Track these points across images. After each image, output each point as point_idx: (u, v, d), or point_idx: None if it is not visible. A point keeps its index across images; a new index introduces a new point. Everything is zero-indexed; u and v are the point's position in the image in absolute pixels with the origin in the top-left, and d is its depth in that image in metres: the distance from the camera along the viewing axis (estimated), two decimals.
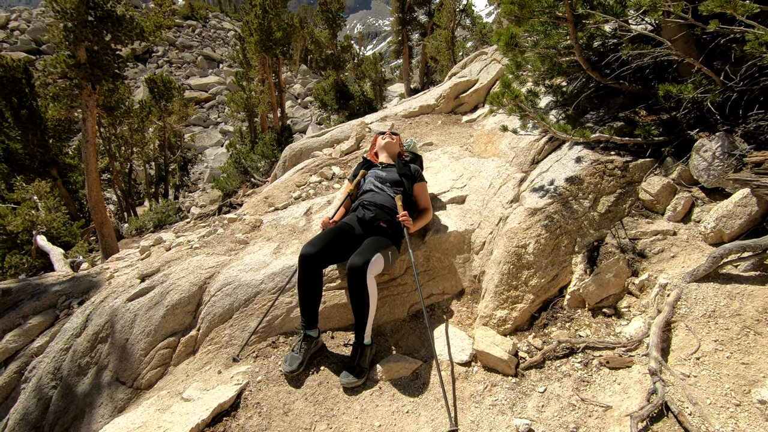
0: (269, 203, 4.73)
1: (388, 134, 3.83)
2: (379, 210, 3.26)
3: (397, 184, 3.49)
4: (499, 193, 3.77)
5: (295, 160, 6.32)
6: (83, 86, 11.33)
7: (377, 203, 3.29)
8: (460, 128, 6.33)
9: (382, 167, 3.66)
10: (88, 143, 11.39)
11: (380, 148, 3.81)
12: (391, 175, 3.53)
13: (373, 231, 3.20)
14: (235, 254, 3.83)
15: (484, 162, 4.39)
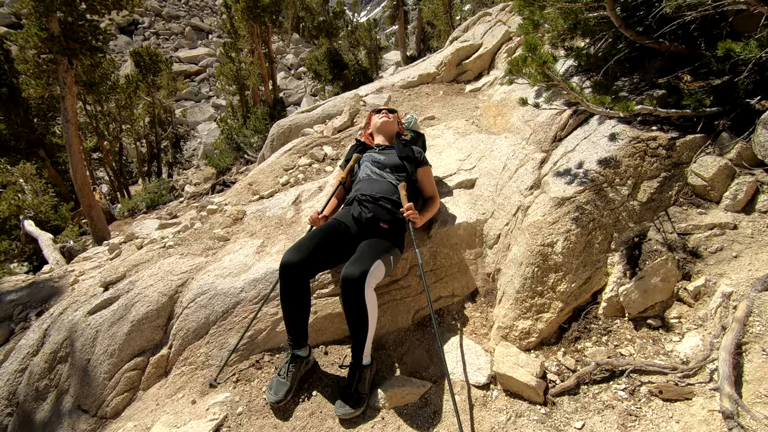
0: (254, 191, 4.16)
1: (385, 112, 3.22)
2: (378, 206, 2.70)
3: (399, 169, 2.92)
4: (516, 177, 3.21)
5: (283, 139, 5.70)
6: (58, 61, 10.52)
7: (376, 196, 2.73)
8: (464, 99, 5.68)
9: (379, 150, 3.08)
10: (69, 123, 10.68)
11: (376, 129, 3.21)
12: (391, 158, 2.96)
13: (372, 232, 2.66)
14: (213, 254, 3.29)
15: (495, 139, 3.79)
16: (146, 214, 13.70)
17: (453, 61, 6.32)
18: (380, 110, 3.26)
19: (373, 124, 3.25)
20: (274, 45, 24.46)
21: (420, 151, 3.08)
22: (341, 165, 3.20)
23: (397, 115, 3.30)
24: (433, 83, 6.12)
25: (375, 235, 2.65)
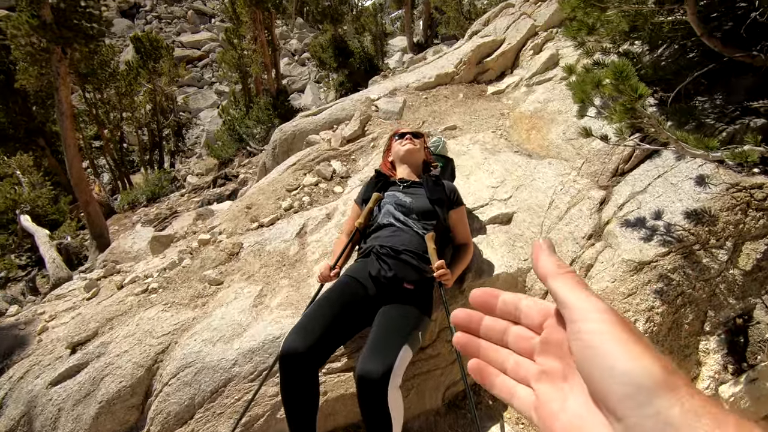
0: (252, 216, 3.55)
1: (410, 137, 2.56)
2: (402, 262, 2.10)
3: (427, 215, 2.30)
4: (568, 218, 2.59)
5: (286, 146, 5.06)
6: (51, 50, 9.80)
7: (399, 250, 2.13)
8: (486, 103, 5.01)
9: (404, 187, 2.45)
10: (64, 115, 10.02)
11: (399, 158, 2.57)
12: (418, 202, 2.33)
13: (395, 295, 2.07)
14: (202, 306, 2.71)
15: (536, 165, 3.15)
16: (147, 207, 13.11)
17: (473, 59, 5.62)
18: (404, 134, 2.61)
19: (395, 152, 2.60)
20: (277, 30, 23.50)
21: (453, 188, 2.46)
22: (357, 201, 2.58)
23: (424, 139, 2.66)
24: (452, 84, 5.44)
25: (397, 298, 2.06)
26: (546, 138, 3.61)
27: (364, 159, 4.10)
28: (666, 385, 0.26)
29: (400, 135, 2.61)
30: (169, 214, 11.36)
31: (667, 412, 0.25)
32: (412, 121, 4.65)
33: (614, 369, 0.28)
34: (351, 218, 2.56)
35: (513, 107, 4.81)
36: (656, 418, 0.26)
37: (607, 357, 0.28)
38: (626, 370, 0.27)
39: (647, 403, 0.26)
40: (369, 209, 2.37)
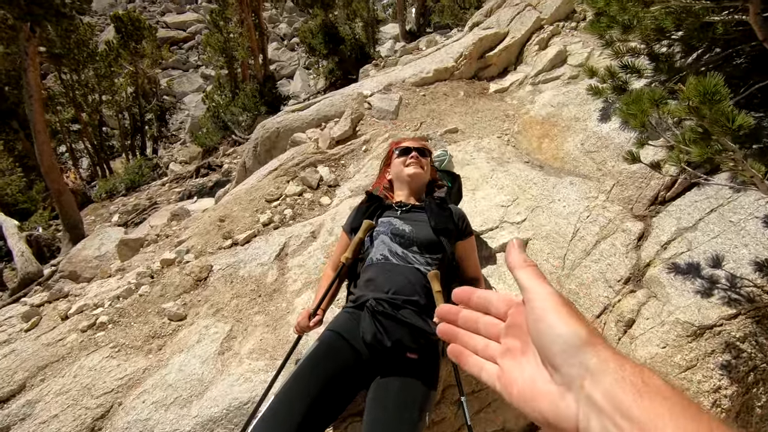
0: (225, 232, 3.04)
1: (416, 156, 2.01)
2: (402, 324, 1.62)
3: (432, 248, 1.79)
4: (597, 254, 2.15)
5: (269, 145, 4.52)
6: (18, 28, 8.97)
7: (397, 301, 1.65)
8: (489, 102, 4.53)
9: (402, 212, 1.97)
10: (33, 98, 9.23)
11: (400, 180, 2.08)
12: (421, 230, 1.82)
13: (394, 366, 1.61)
14: (158, 350, 2.21)
15: (555, 183, 2.69)
16: (125, 197, 12.39)
17: (475, 53, 5.11)
18: (408, 149, 2.04)
19: (395, 171, 2.07)
20: (266, 13, 22.53)
21: (462, 215, 1.96)
22: (345, 228, 2.07)
23: (430, 158, 2.14)
24: (451, 80, 4.93)
25: (397, 370, 1.59)
26: (561, 148, 3.16)
27: (354, 165, 3.60)
28: (588, 342, 0.35)
29: (402, 150, 2.06)
30: (148, 205, 10.71)
31: (587, 361, 0.35)
32: (408, 122, 4.15)
33: (554, 333, 0.37)
34: (338, 250, 2.06)
35: (518, 108, 4.34)
36: (579, 366, 0.35)
37: (551, 325, 0.37)
38: (562, 333, 0.36)
39: (574, 355, 0.35)
40: (358, 241, 1.85)
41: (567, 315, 0.37)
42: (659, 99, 1.49)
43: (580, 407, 0.34)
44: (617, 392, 0.32)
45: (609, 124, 2.94)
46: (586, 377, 0.34)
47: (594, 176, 2.75)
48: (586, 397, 0.34)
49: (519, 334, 0.42)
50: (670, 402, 0.31)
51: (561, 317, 0.37)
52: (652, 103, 1.50)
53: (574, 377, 0.35)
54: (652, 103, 1.50)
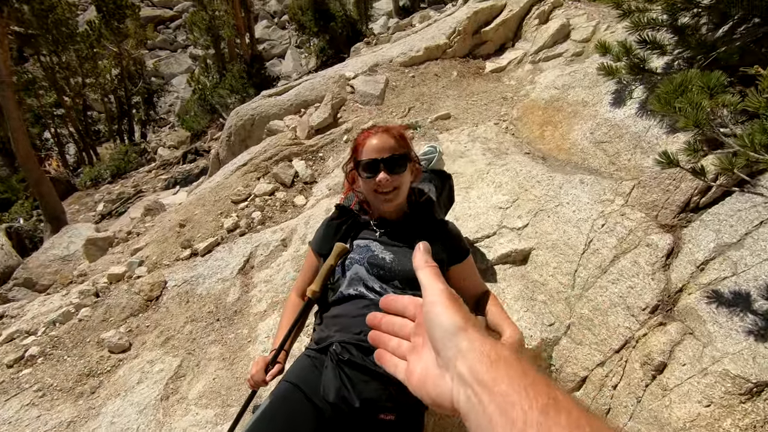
0: (185, 239, 2.63)
1: (384, 176, 1.36)
2: (376, 378, 1.24)
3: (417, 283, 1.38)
4: (615, 272, 1.76)
5: (243, 134, 4.06)
6: None
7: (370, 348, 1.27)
8: (485, 83, 4.07)
9: (381, 234, 1.48)
10: (4, 83, 8.64)
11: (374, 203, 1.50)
12: (404, 260, 1.38)
13: (366, 430, 1.23)
14: (91, 394, 1.84)
15: (562, 183, 2.28)
16: (111, 185, 11.88)
17: (469, 28, 4.61)
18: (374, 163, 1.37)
19: (365, 191, 1.46)
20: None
21: (458, 235, 1.52)
22: (312, 246, 1.63)
23: (414, 162, 1.49)
24: (443, 59, 4.44)
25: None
26: (566, 137, 2.73)
27: (334, 157, 3.17)
28: (462, 328, 0.39)
29: (367, 166, 1.38)
30: (133, 194, 10.25)
31: (460, 344, 0.38)
32: (395, 107, 3.70)
33: (438, 322, 0.41)
34: (304, 273, 1.62)
35: (517, 89, 3.88)
36: (455, 348, 0.39)
37: (437, 315, 0.41)
38: (443, 322, 0.41)
39: (451, 340, 0.39)
40: (328, 269, 1.43)
41: (450, 307, 0.42)
42: (715, 87, 1.07)
43: (453, 383, 0.38)
44: (476, 365, 0.36)
45: (624, 109, 2.51)
46: (459, 357, 0.38)
47: (606, 171, 2.34)
48: (458, 374, 0.38)
49: (422, 332, 0.45)
50: (513, 368, 0.35)
51: (445, 309, 0.41)
52: (706, 93, 1.08)
53: (450, 358, 0.39)
54: (705, 92, 1.08)
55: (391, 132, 1.42)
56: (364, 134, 1.43)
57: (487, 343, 0.38)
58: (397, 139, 1.40)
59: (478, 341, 0.38)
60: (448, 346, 0.39)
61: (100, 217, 9.42)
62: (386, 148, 1.37)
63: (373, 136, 1.40)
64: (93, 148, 15.64)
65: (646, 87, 2.48)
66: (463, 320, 0.40)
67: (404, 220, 1.48)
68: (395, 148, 1.38)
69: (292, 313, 1.48)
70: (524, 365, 0.36)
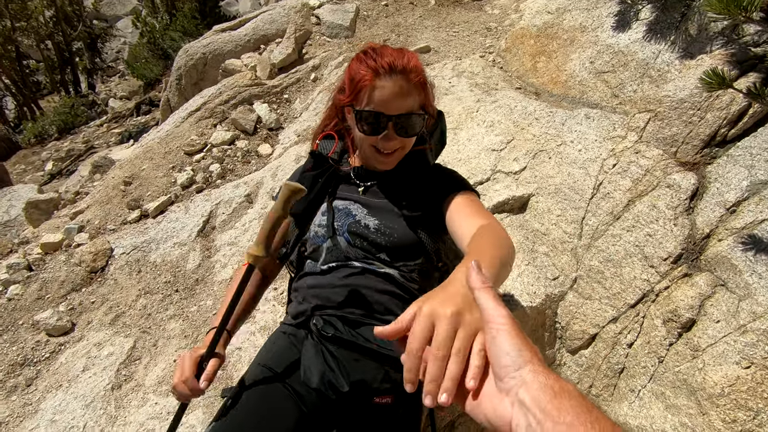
0: (131, 199, 2.25)
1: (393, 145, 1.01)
2: (367, 355, 0.99)
3: (408, 252, 1.05)
4: (631, 218, 1.54)
5: (195, 76, 3.54)
6: None
7: (354, 317, 1.01)
8: (466, 13, 3.64)
9: (364, 190, 1.12)
10: None
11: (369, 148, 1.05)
12: (394, 225, 1.05)
13: (358, 416, 1.01)
14: (27, 387, 1.55)
15: (564, 119, 2.00)
16: (59, 141, 10.86)
17: None
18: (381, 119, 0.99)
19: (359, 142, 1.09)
20: None
21: (452, 171, 1.18)
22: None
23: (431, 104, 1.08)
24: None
25: (363, 422, 1.00)
26: (562, 68, 2.42)
27: (301, 99, 2.76)
28: (528, 361, 0.40)
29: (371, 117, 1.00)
30: (84, 150, 9.38)
31: (524, 375, 0.40)
32: (368, 39, 3.25)
33: (506, 352, 0.42)
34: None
35: (501, 19, 3.49)
36: (519, 378, 0.40)
37: (502, 344, 0.42)
38: (510, 352, 0.41)
39: (516, 370, 0.40)
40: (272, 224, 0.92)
41: (516, 337, 0.42)
42: None
43: (513, 409, 0.40)
44: (540, 395, 0.38)
45: (628, 33, 2.21)
46: (522, 386, 0.40)
47: (608, 105, 2.07)
48: (519, 401, 0.39)
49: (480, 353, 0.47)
50: (576, 401, 0.37)
51: (512, 338, 0.42)
52: None
53: (513, 386, 0.40)
54: None
55: (411, 73, 0.99)
56: (371, 63, 0.99)
57: (551, 376, 0.40)
58: (417, 87, 1.00)
59: (542, 374, 0.40)
60: (512, 375, 0.41)
61: (49, 177, 8.62)
62: (403, 101, 0.98)
63: (386, 77, 0.97)
64: (34, 101, 14.16)
65: (654, 6, 2.16)
66: (530, 353, 0.42)
67: (393, 169, 1.12)
68: (414, 102, 1.00)
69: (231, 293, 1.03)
70: (588, 402, 0.38)
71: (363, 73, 0.98)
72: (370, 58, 1.00)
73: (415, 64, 1.00)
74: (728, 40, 1.72)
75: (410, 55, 1.02)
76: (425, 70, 1.05)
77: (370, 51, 1.02)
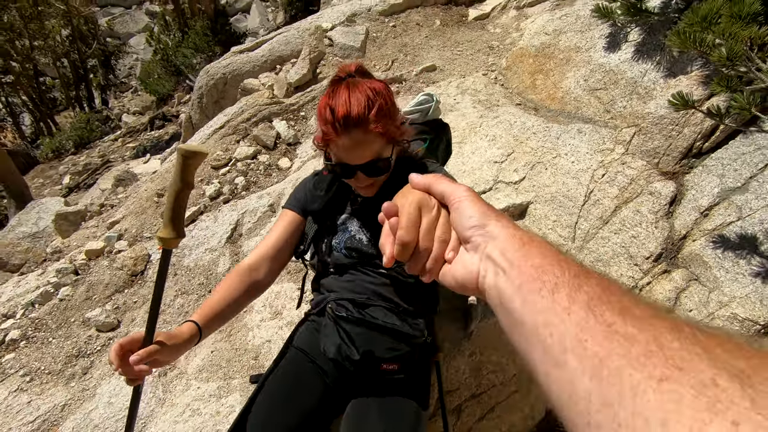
0: None
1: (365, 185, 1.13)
2: (374, 330, 1.17)
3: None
4: (617, 222, 1.74)
5: (216, 95, 3.81)
6: None
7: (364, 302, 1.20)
8: (469, 32, 3.88)
9: (358, 205, 1.23)
10: None
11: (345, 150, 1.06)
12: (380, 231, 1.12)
13: (371, 383, 1.20)
14: (83, 375, 1.76)
15: (559, 133, 2.21)
16: (75, 155, 11.25)
17: None
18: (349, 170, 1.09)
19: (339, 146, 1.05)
20: None
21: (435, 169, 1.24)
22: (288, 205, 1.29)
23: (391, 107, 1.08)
24: (425, 6, 4.20)
25: (375, 388, 1.19)
26: (559, 86, 2.64)
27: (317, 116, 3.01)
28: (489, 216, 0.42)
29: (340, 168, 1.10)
30: (100, 164, 9.76)
31: (491, 230, 0.41)
32: (377, 60, 3.50)
33: (468, 215, 0.43)
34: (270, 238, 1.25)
35: (503, 38, 3.73)
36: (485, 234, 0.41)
37: (465, 209, 0.44)
38: (472, 215, 0.43)
39: (481, 227, 0.42)
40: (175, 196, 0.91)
41: (477, 203, 0.44)
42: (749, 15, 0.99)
43: (480, 263, 0.41)
44: (507, 246, 0.39)
45: (619, 54, 2.42)
46: (489, 241, 0.41)
47: (600, 120, 2.28)
48: (486, 255, 0.40)
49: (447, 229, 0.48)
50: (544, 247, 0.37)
51: (472, 204, 0.44)
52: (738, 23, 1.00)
53: (480, 243, 0.42)
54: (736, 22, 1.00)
55: (368, 124, 1.00)
56: (329, 117, 1.00)
57: (519, 229, 0.41)
58: (378, 134, 1.02)
59: (511, 227, 0.41)
60: (480, 233, 0.42)
61: (67, 191, 8.97)
62: (363, 152, 1.03)
63: (343, 134, 1.00)
64: (50, 117, 14.67)
65: (642, 29, 2.38)
66: (495, 213, 0.43)
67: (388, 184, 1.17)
68: (376, 147, 1.04)
69: (224, 286, 1.13)
70: (556, 248, 0.38)
71: (324, 130, 1.04)
72: (329, 111, 1.01)
73: (369, 113, 1.00)
74: (706, 61, 1.93)
75: (365, 98, 1.01)
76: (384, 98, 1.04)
77: (330, 95, 1.04)
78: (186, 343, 0.98)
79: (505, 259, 0.38)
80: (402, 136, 1.13)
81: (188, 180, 0.82)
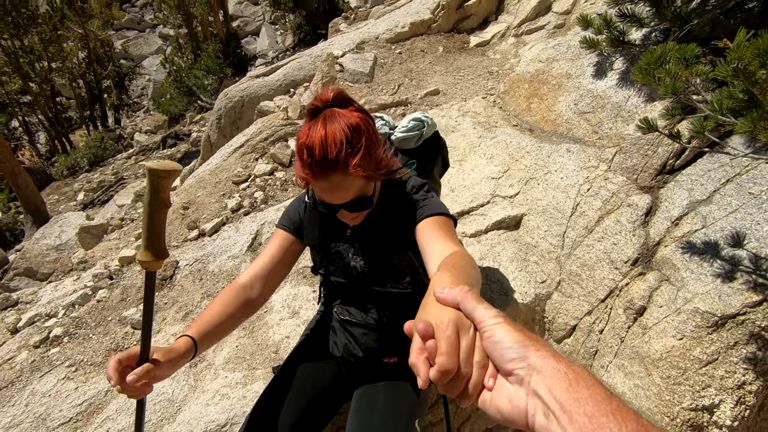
0: (190, 221, 2.73)
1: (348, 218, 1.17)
2: (376, 328, 1.36)
3: (396, 276, 1.29)
4: (600, 231, 1.96)
5: (233, 116, 4.11)
6: None
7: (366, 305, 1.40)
8: (471, 58, 4.18)
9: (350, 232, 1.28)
10: None
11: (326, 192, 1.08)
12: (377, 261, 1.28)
13: (374, 373, 1.40)
14: None
15: (550, 152, 2.45)
16: (89, 173, 11.64)
17: (453, 3, 4.68)
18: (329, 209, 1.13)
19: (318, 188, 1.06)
20: None
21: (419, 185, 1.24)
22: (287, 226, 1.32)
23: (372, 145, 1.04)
24: (429, 34, 4.52)
25: (379, 377, 1.39)
26: (552, 109, 2.89)
27: None
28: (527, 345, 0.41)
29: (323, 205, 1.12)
30: (114, 182, 10.12)
31: (533, 361, 0.40)
32: (385, 84, 3.79)
33: (505, 346, 0.42)
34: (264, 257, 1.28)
35: (501, 63, 4.02)
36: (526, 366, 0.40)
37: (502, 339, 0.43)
38: (511, 345, 0.42)
39: (521, 359, 0.41)
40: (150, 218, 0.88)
41: (511, 330, 0.43)
42: (690, 59, 1.23)
43: (528, 399, 0.40)
44: (554, 384, 0.38)
45: (605, 80, 2.68)
46: (533, 374, 0.40)
47: (590, 140, 2.52)
48: (533, 391, 0.40)
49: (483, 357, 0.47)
50: (593, 390, 0.37)
51: (509, 332, 0.43)
52: (682, 64, 1.24)
53: (524, 376, 0.41)
54: (681, 63, 1.25)
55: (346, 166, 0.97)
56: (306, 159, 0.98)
57: (561, 360, 0.39)
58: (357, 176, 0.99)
59: (552, 358, 0.39)
60: (521, 366, 0.40)
61: (81, 207, 9.29)
62: (343, 192, 1.03)
63: (321, 178, 0.99)
64: (65, 135, 15.18)
65: (626, 59, 2.64)
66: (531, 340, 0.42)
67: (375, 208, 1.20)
68: (356, 187, 1.04)
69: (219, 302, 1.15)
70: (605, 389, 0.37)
71: (302, 174, 1.02)
72: (306, 152, 0.98)
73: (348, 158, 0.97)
74: None
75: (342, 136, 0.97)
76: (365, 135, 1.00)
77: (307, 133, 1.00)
78: (182, 357, 1.00)
79: (553, 399, 0.37)
80: (386, 170, 1.09)
81: (164, 199, 0.80)
